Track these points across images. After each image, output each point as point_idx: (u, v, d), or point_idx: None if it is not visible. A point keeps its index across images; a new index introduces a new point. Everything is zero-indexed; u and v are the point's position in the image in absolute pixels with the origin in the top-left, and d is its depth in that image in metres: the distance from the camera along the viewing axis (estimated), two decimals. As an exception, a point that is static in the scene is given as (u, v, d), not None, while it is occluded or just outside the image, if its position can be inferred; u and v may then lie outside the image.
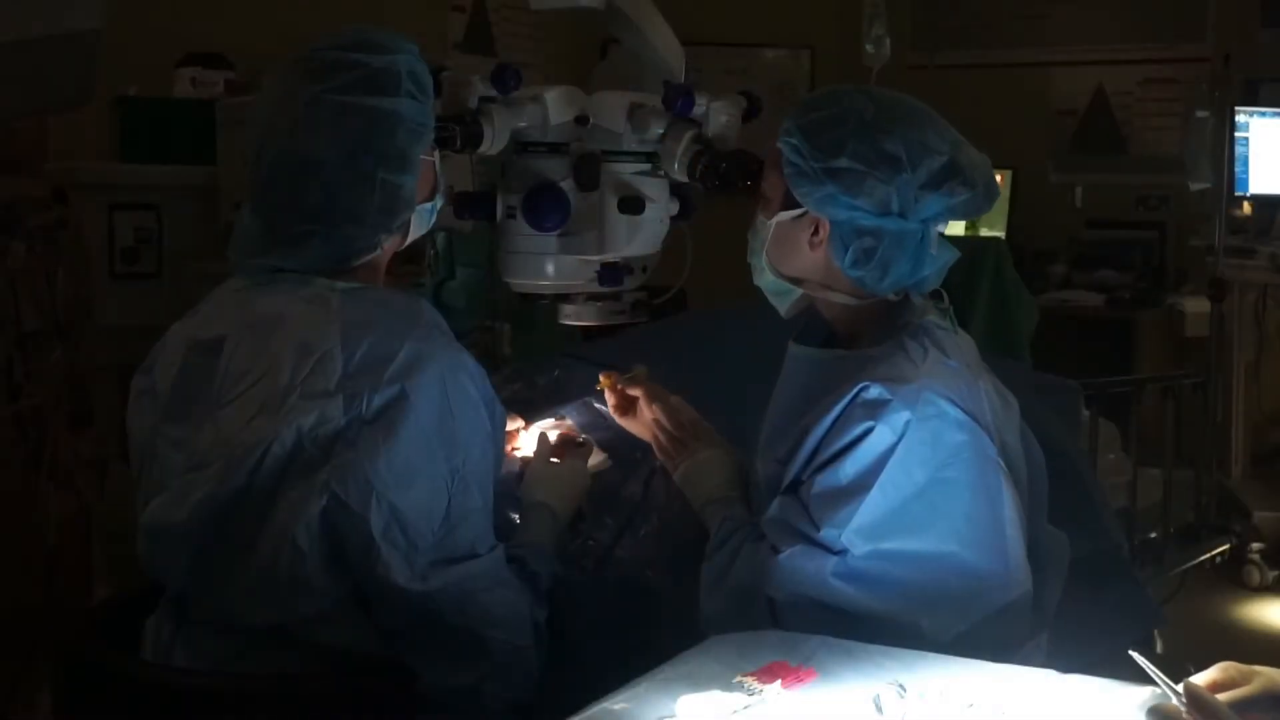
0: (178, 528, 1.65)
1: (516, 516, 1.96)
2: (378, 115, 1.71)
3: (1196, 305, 5.23)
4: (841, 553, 1.71)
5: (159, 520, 1.68)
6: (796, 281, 1.89)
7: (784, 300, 1.94)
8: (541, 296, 2.15)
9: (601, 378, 2.12)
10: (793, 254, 1.87)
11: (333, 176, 1.71)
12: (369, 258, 1.78)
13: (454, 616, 1.66)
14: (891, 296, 1.85)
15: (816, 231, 1.83)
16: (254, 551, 1.62)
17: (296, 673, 1.67)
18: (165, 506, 1.68)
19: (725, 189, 1.97)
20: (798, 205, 1.83)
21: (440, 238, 3.48)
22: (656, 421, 2.04)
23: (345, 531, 1.61)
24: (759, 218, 1.90)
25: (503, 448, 1.84)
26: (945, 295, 1.90)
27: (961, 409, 1.74)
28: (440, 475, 1.65)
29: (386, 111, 1.72)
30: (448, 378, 1.66)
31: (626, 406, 2.09)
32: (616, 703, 1.42)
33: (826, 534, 1.71)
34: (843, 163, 1.77)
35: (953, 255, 1.87)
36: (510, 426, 2.05)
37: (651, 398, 2.05)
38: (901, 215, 1.79)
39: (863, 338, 1.87)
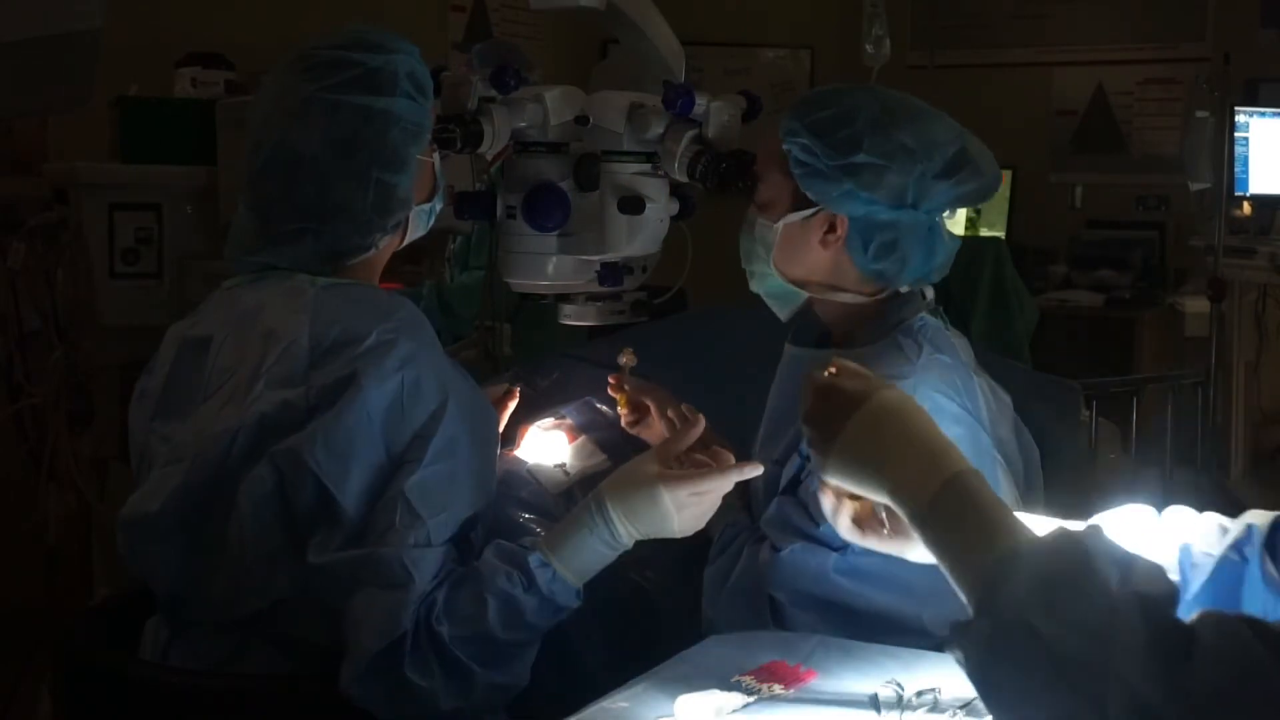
0: (151, 519, 1.65)
1: (526, 516, 1.95)
2: (372, 114, 1.71)
3: (1196, 305, 5.23)
4: (842, 549, 1.71)
5: (133, 512, 1.68)
6: (802, 283, 1.89)
7: (786, 304, 1.94)
8: (542, 296, 2.15)
9: (611, 389, 2.11)
10: (802, 255, 1.87)
11: (326, 174, 1.70)
12: (364, 257, 1.77)
13: (334, 598, 1.58)
14: (903, 289, 1.86)
15: (832, 229, 1.84)
16: (227, 540, 1.62)
17: (293, 673, 1.67)
18: (140, 499, 1.68)
19: (725, 189, 1.97)
20: (807, 205, 1.83)
21: (459, 240, 3.48)
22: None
23: (291, 507, 1.60)
24: (758, 223, 1.90)
25: (492, 452, 1.81)
26: (933, 292, 1.91)
27: (957, 403, 1.74)
28: (376, 461, 1.60)
29: (381, 110, 1.71)
30: (407, 370, 1.62)
31: (638, 416, 2.09)
32: (615, 702, 1.43)
33: (826, 530, 1.71)
34: (860, 158, 1.78)
35: (956, 243, 1.89)
36: (496, 390, 2.04)
37: (662, 407, 2.04)
38: (914, 206, 1.81)
39: (857, 336, 1.87)
